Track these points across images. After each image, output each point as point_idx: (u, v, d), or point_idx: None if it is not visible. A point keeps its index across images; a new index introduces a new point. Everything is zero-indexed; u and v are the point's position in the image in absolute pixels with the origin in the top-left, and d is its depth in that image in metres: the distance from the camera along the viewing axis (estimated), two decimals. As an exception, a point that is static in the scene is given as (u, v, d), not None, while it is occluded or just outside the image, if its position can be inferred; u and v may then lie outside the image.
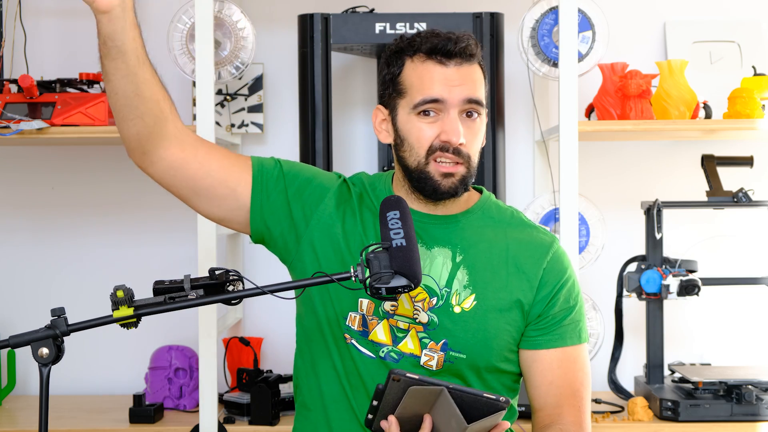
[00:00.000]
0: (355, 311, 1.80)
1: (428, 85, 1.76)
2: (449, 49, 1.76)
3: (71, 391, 3.19)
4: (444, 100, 1.75)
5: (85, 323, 1.53)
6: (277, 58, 3.21)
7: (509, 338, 1.81)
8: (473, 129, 1.79)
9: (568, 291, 1.85)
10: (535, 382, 1.83)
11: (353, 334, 1.80)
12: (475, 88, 1.78)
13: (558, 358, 1.82)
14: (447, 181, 1.77)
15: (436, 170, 1.77)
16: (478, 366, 1.79)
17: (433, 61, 1.77)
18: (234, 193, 1.81)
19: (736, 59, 3.17)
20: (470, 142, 1.78)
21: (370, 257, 1.59)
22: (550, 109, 3.15)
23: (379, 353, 1.79)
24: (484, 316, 1.79)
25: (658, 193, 3.03)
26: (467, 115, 1.78)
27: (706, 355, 3.21)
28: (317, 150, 2.77)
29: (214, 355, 2.66)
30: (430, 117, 1.77)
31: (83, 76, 2.88)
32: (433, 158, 1.76)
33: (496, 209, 1.90)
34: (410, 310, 1.79)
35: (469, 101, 1.77)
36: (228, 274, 1.60)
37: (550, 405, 1.82)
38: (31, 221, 3.26)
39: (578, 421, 1.80)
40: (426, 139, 1.77)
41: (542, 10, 2.77)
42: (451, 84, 1.76)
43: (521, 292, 1.81)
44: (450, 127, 1.75)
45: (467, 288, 1.80)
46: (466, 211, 1.86)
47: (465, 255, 1.82)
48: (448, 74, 1.76)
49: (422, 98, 1.76)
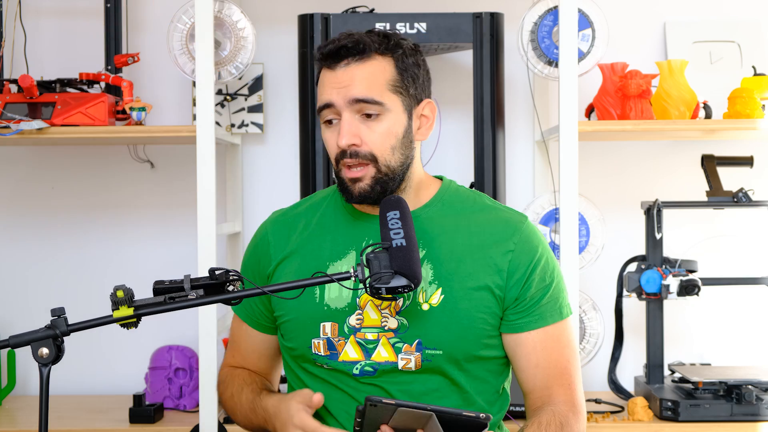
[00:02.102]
0: (317, 337, 1.79)
1: (321, 91, 1.77)
2: (336, 52, 1.75)
3: (71, 391, 3.19)
4: (333, 102, 1.75)
5: (85, 323, 1.53)
6: (277, 58, 3.21)
7: (485, 325, 1.78)
8: (373, 128, 1.75)
9: (543, 269, 1.81)
10: (522, 365, 1.81)
11: (322, 360, 1.79)
12: (362, 86, 1.74)
13: (541, 339, 1.80)
14: (356, 186, 1.76)
15: (346, 176, 1.76)
16: (457, 358, 1.77)
17: (325, 67, 1.77)
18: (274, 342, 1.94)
19: (736, 59, 3.17)
20: (371, 141, 1.74)
21: (370, 257, 1.59)
22: (550, 109, 3.15)
23: (353, 370, 1.78)
24: (453, 309, 1.76)
25: (658, 193, 3.03)
26: (366, 116, 1.75)
27: (706, 355, 3.21)
28: (317, 150, 2.77)
29: (214, 355, 2.66)
30: (332, 125, 1.77)
31: (83, 76, 2.88)
32: (343, 164, 1.76)
33: (457, 197, 1.87)
34: (377, 320, 1.77)
35: (358, 101, 1.73)
36: (228, 274, 1.60)
37: (539, 387, 1.80)
38: (31, 221, 3.26)
39: (569, 400, 1.78)
40: (332, 147, 1.77)
41: (542, 10, 2.77)
42: (337, 86, 1.74)
43: (489, 277, 1.78)
44: (340, 131, 1.75)
45: (433, 283, 1.77)
46: (423, 205, 1.84)
47: (428, 249, 1.79)
48: (337, 77, 1.75)
49: (318, 106, 1.78)
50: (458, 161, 3.12)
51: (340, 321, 1.78)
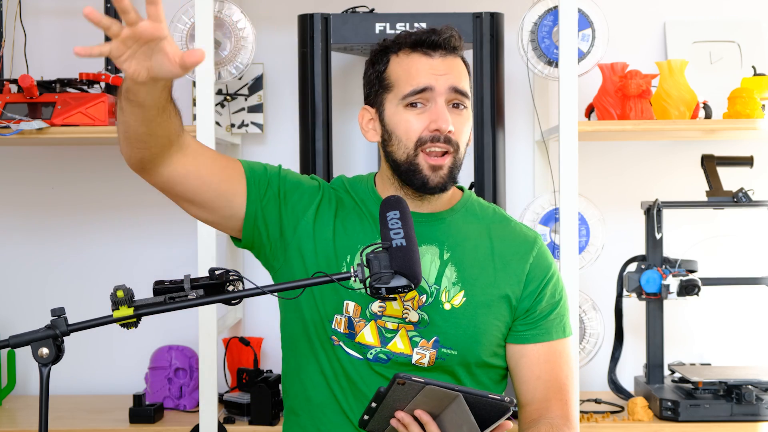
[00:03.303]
0: (341, 314, 1.80)
1: (415, 75, 1.77)
2: (434, 40, 1.78)
3: (71, 391, 3.19)
4: (432, 87, 1.76)
5: (85, 323, 1.53)
6: (277, 58, 3.21)
7: (498, 333, 1.83)
8: (461, 119, 1.79)
9: (554, 286, 1.87)
10: (523, 376, 1.85)
11: (340, 336, 1.80)
12: (460, 78, 1.80)
13: (545, 353, 1.84)
14: (435, 175, 1.77)
15: (426, 162, 1.77)
16: (469, 362, 1.81)
17: (419, 53, 1.78)
18: (230, 203, 1.81)
19: (736, 59, 3.17)
20: (459, 131, 1.78)
21: (370, 257, 1.59)
22: (550, 109, 3.14)
23: (366, 355, 1.79)
24: (473, 312, 1.80)
25: (658, 193, 3.03)
26: (454, 106, 1.79)
27: (706, 355, 3.21)
28: (317, 150, 2.77)
29: (214, 355, 2.66)
30: (417, 108, 1.78)
31: (83, 76, 2.88)
32: (422, 149, 1.76)
33: (479, 206, 1.91)
34: (399, 311, 1.79)
35: (456, 90, 1.78)
36: (228, 274, 1.60)
37: (538, 399, 1.83)
38: (31, 221, 3.26)
39: (565, 415, 1.82)
40: (414, 131, 1.77)
41: (542, 10, 2.77)
42: (437, 73, 1.77)
43: (509, 287, 1.83)
44: (438, 115, 1.76)
45: (456, 285, 1.81)
46: (450, 208, 1.87)
47: (452, 252, 1.83)
48: (434, 64, 1.78)
49: (411, 89, 1.77)
50: (458, 161, 3.12)
51: (363, 304, 1.79)
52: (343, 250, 1.82)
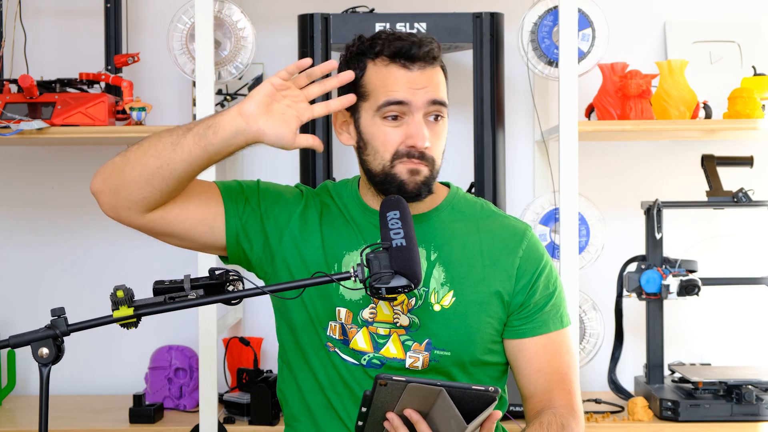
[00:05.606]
0: (334, 320, 1.80)
1: (392, 87, 1.75)
2: (413, 53, 1.75)
3: (71, 391, 3.19)
4: (409, 102, 1.74)
5: (85, 323, 1.54)
6: (277, 58, 3.20)
7: (491, 330, 1.82)
8: (437, 132, 1.78)
9: (547, 277, 1.85)
10: (524, 371, 1.84)
11: (335, 342, 1.80)
12: (438, 90, 1.77)
13: (543, 345, 1.83)
14: (413, 179, 1.75)
15: (403, 167, 1.75)
16: (463, 361, 1.80)
17: (397, 65, 1.76)
18: (211, 228, 1.82)
19: (736, 59, 3.17)
20: (434, 145, 1.77)
21: (370, 257, 1.59)
22: (550, 109, 3.15)
23: (361, 360, 1.79)
24: (464, 312, 1.79)
25: (658, 193, 3.03)
26: (432, 118, 1.77)
27: (706, 355, 3.21)
28: (317, 151, 2.76)
29: (214, 355, 2.66)
30: (395, 121, 1.76)
31: (83, 76, 2.88)
32: (399, 161, 1.76)
33: (465, 202, 1.89)
34: (390, 316, 1.79)
35: (434, 102, 1.76)
36: (228, 274, 1.60)
37: (540, 391, 1.82)
38: (31, 221, 3.26)
39: (569, 404, 1.81)
40: (392, 143, 1.76)
41: (542, 10, 2.77)
42: (415, 87, 1.75)
43: (499, 283, 1.81)
44: (416, 131, 1.74)
45: (445, 285, 1.80)
46: (435, 208, 1.86)
47: (439, 252, 1.81)
48: (412, 77, 1.75)
49: (386, 99, 1.75)
50: (458, 161, 3.12)
51: (354, 310, 1.79)
52: (331, 255, 1.82)
